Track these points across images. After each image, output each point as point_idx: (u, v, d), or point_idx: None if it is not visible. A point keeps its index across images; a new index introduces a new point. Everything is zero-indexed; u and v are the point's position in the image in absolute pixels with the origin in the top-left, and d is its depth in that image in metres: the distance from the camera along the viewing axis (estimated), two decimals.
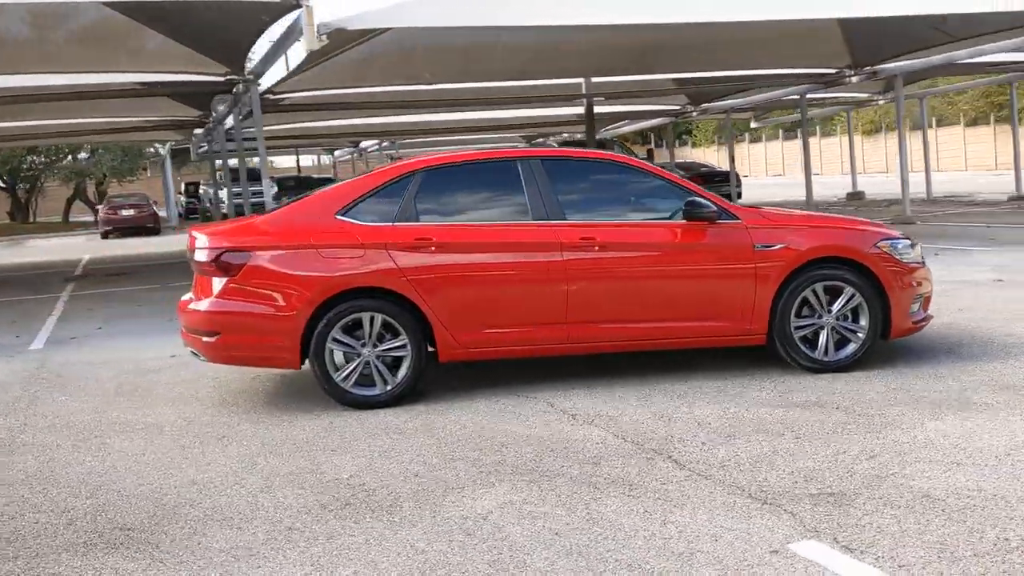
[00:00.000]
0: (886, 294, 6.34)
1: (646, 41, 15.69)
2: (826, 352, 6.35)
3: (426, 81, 15.94)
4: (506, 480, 4.55)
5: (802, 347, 6.34)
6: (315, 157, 54.59)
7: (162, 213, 36.25)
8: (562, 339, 6.25)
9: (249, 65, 14.38)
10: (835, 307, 6.34)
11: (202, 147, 26.21)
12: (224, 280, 6.10)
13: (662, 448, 4.90)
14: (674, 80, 20.51)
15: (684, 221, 6.31)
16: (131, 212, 31.43)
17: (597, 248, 6.22)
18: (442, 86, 16.77)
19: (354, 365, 6.08)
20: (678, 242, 6.33)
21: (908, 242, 6.59)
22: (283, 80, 14.36)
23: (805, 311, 6.36)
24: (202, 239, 6.26)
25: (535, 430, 5.40)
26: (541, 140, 32.33)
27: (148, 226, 31.47)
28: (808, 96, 20.69)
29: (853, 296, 6.32)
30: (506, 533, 3.89)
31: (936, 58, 17.33)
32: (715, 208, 6.29)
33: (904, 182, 18.13)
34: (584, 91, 17.60)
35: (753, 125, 32.65)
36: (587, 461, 4.76)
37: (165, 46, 13.97)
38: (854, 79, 18.60)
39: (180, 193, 41.37)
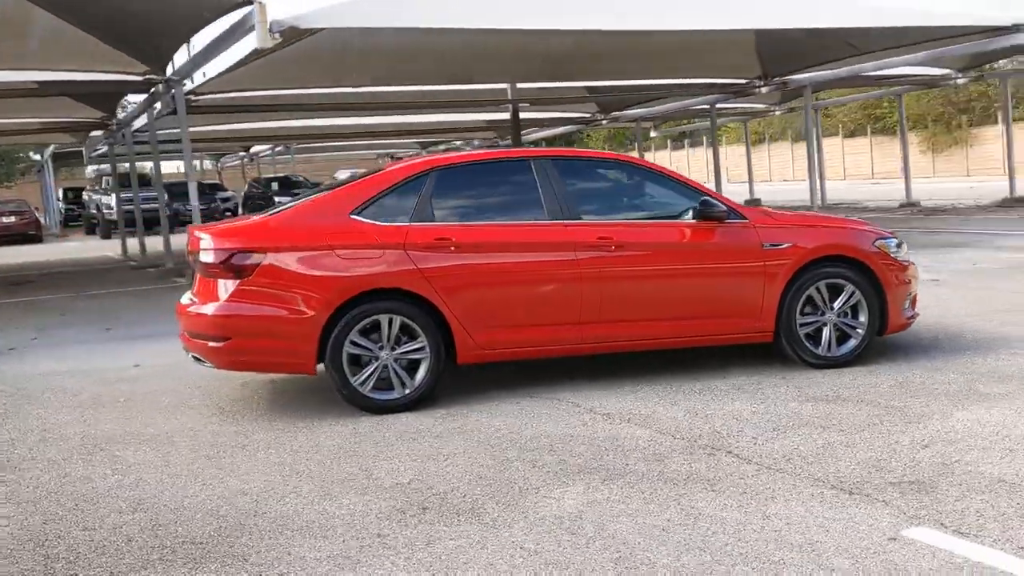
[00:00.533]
0: (884, 291, 6.57)
1: (569, 48, 15.85)
2: (829, 348, 6.53)
3: (353, 83, 15.68)
4: (578, 479, 4.50)
5: (807, 343, 6.49)
6: (197, 163, 52.95)
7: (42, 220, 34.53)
8: (578, 339, 6.24)
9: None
10: (836, 304, 6.52)
11: (98, 150, 25.06)
12: (235, 282, 5.85)
13: (717, 444, 4.94)
14: (587, 88, 20.80)
15: (695, 221, 6.39)
16: (12, 219, 29.86)
17: (613, 248, 6.23)
18: (362, 89, 16.53)
19: (372, 369, 5.92)
20: (691, 241, 6.41)
21: (897, 241, 6.84)
22: (207, 81, 13.86)
23: (807, 308, 6.53)
24: (209, 240, 5.99)
25: (575, 430, 5.36)
26: (445, 146, 32.25)
27: (30, 234, 29.95)
28: (717, 106, 21.29)
29: (853, 293, 6.52)
30: (611, 531, 3.84)
31: (843, 70, 18.11)
32: (725, 208, 6.40)
33: (812, 189, 18.86)
34: (509, 96, 17.64)
35: (653, 134, 33.38)
36: (649, 459, 4.75)
37: (81, 43, 13.31)
38: (763, 89, 19.24)
39: (58, 199, 39.43)
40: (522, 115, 24.19)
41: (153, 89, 14.79)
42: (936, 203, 23.08)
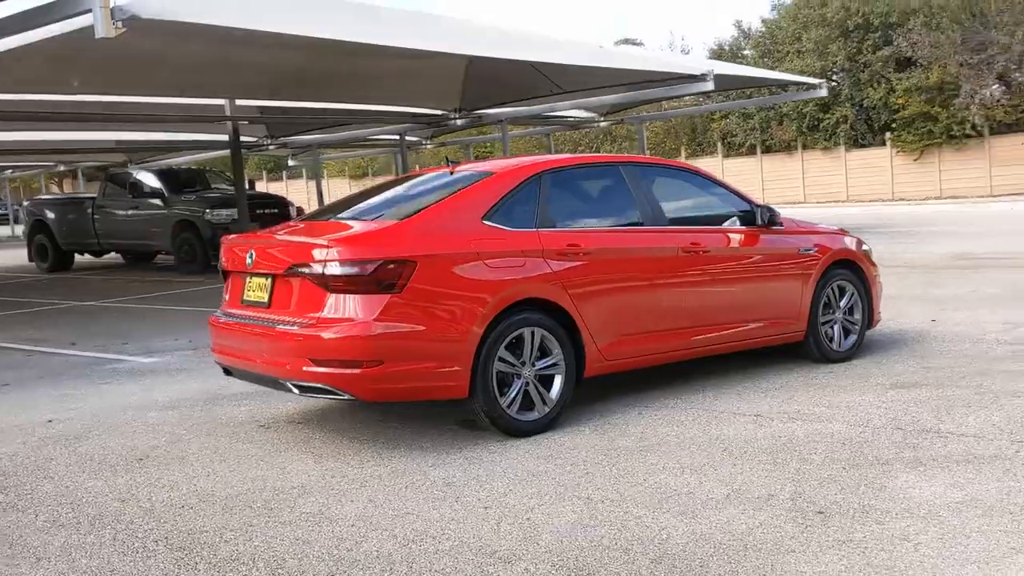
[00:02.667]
0: (870, 290, 7.35)
1: (298, 64, 15.11)
2: (839, 344, 7.15)
3: (72, 90, 13.46)
4: (887, 470, 4.52)
5: (825, 340, 7.05)
6: None
7: None
8: (681, 346, 6.20)
9: None
10: (842, 303, 7.17)
11: None
12: (385, 296, 4.98)
13: (927, 428, 5.19)
14: (260, 108, 19.74)
15: (752, 227, 6.65)
16: None
17: (702, 253, 6.29)
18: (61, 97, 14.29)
19: (518, 387, 5.38)
20: (756, 247, 6.65)
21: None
22: None
23: (823, 309, 7.08)
24: (339, 249, 5.04)
25: (758, 432, 5.30)
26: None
27: None
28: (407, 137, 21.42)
29: (853, 294, 7.22)
30: None
31: (538, 107, 19.30)
32: (780, 216, 6.77)
33: None
34: (228, 113, 16.19)
35: (291, 163, 32.33)
36: (903, 447, 4.86)
37: None
38: (459, 122, 19.79)
39: None
40: (160, 136, 22.30)
41: None
42: None
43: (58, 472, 5.19)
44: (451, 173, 6.09)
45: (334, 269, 5.01)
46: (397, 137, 21.98)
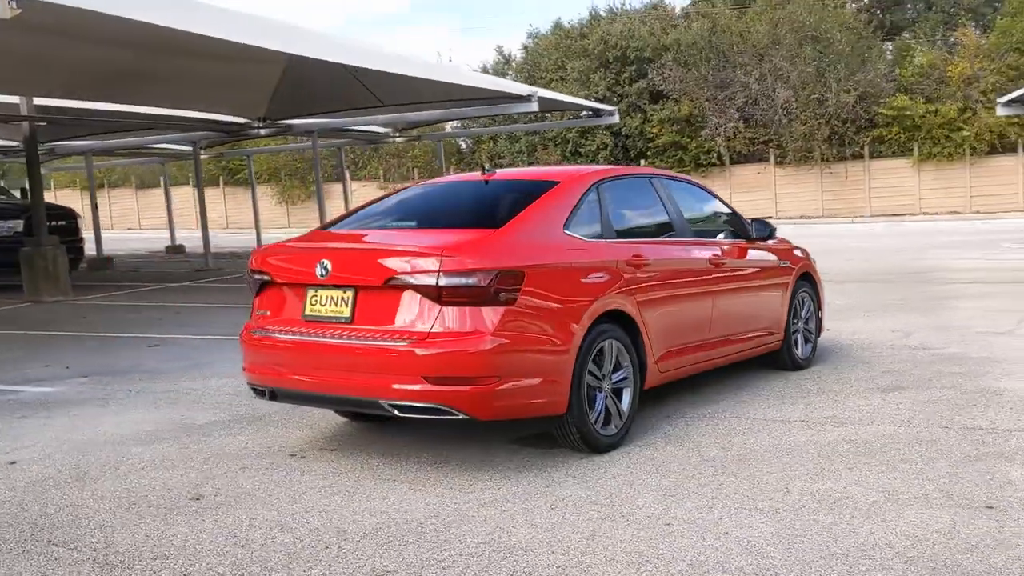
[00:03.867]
0: (819, 300, 7.82)
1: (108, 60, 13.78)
2: (802, 352, 7.52)
3: None
4: (997, 464, 4.81)
5: (795, 349, 7.40)
6: None
7: None
8: (705, 357, 6.26)
9: None
10: (803, 313, 7.56)
11: None
12: (501, 308, 4.65)
13: (970, 425, 5.56)
14: (39, 107, 17.78)
15: (745, 240, 6.86)
16: None
17: (721, 265, 6.40)
18: None
19: (600, 401, 5.22)
20: (755, 259, 6.86)
21: None
22: None
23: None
24: (456, 259, 4.66)
25: (825, 437, 5.46)
26: None
27: None
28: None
29: (810, 305, 7.64)
30: None
31: (351, 119, 18.81)
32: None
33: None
34: (25, 112, 14.29)
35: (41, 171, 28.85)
36: (974, 443, 5.20)
37: None
38: (263, 131, 18.89)
39: None
40: None
41: None
42: None
43: (111, 520, 4.38)
44: (486, 182, 5.82)
45: (448, 280, 4.61)
46: (188, 147, 20.52)
